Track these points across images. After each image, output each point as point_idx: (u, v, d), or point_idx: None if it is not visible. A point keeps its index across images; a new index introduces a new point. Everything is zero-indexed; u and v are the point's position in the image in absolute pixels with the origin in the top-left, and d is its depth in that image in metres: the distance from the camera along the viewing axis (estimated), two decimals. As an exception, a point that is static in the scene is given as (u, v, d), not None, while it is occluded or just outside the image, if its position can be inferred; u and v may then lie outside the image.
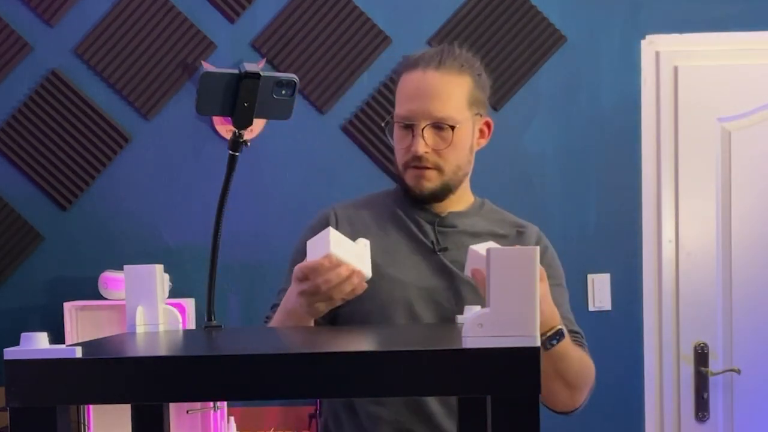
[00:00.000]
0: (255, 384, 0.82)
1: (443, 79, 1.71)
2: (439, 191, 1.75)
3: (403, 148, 1.74)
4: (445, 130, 1.70)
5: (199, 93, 1.37)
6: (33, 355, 0.82)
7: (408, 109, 1.71)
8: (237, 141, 1.40)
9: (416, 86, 1.72)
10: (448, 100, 1.70)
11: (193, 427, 3.00)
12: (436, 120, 1.70)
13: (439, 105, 1.69)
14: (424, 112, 1.69)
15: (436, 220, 1.77)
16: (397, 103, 1.75)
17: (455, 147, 1.72)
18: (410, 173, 1.74)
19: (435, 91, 1.70)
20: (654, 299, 3.18)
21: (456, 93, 1.71)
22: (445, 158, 1.72)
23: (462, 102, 1.72)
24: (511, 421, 0.81)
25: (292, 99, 1.42)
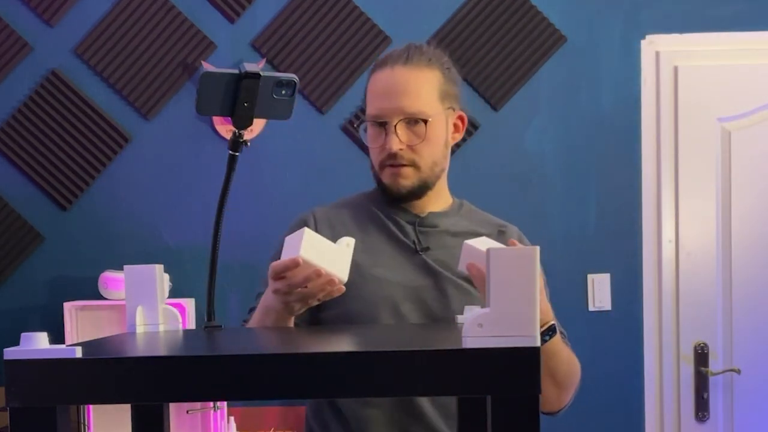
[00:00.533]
0: (255, 384, 0.82)
1: (412, 74, 1.70)
2: (416, 188, 1.73)
3: (377, 147, 1.73)
4: (417, 124, 1.69)
5: (199, 93, 1.37)
6: (33, 355, 0.82)
7: (379, 107, 1.70)
8: (237, 141, 1.40)
9: (385, 83, 1.71)
10: (419, 95, 1.69)
11: (193, 427, 3.00)
12: (408, 115, 1.68)
13: (410, 100, 1.68)
14: (396, 108, 1.68)
15: (416, 221, 1.76)
16: (368, 103, 1.74)
17: (429, 142, 1.70)
18: (386, 172, 1.73)
19: (404, 87, 1.69)
20: (654, 299, 3.18)
21: (426, 87, 1.70)
22: (420, 154, 1.71)
23: (433, 96, 1.71)
24: (511, 421, 0.81)
25: (292, 99, 1.42)
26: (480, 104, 3.15)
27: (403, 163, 1.71)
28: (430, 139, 1.70)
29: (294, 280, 1.43)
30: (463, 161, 3.14)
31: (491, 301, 0.84)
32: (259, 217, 3.14)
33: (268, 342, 1.10)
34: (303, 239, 1.40)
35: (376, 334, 1.22)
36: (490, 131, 3.16)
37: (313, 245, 1.42)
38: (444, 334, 1.05)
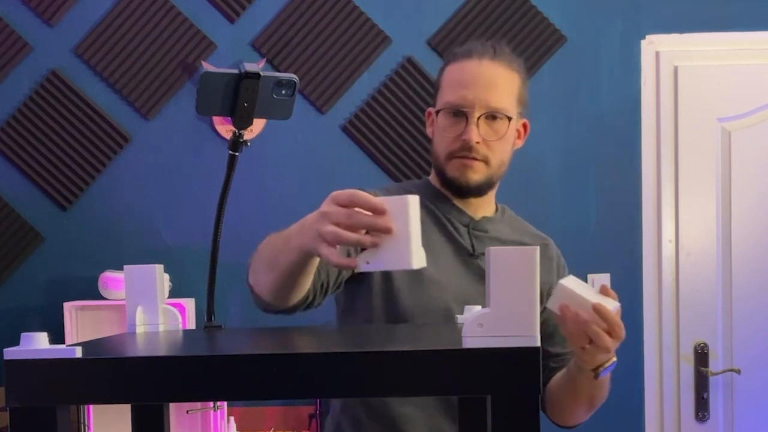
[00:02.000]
0: (255, 384, 0.82)
1: (498, 70, 1.67)
2: (483, 185, 1.69)
3: (450, 137, 1.67)
4: (498, 121, 1.66)
5: (199, 93, 1.37)
6: (33, 355, 0.82)
7: (462, 97, 1.65)
8: (237, 141, 1.40)
9: (472, 74, 1.66)
10: (504, 92, 1.66)
11: (193, 427, 3.00)
12: (492, 109, 1.65)
13: (497, 95, 1.65)
14: (481, 100, 1.64)
15: (470, 224, 1.72)
16: (446, 90, 1.69)
17: (505, 141, 1.68)
18: (455, 163, 1.68)
19: (493, 80, 1.66)
20: (654, 299, 3.18)
21: (509, 87, 1.68)
22: (494, 151, 1.67)
23: (513, 97, 1.69)
24: (511, 421, 0.81)
25: (292, 99, 1.42)
26: (480, 104, 3.15)
27: (476, 157, 1.66)
28: (506, 138, 1.67)
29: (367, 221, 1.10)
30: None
31: (491, 301, 0.84)
32: (259, 217, 3.14)
33: (268, 342, 1.10)
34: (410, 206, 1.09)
35: (376, 335, 1.22)
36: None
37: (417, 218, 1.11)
38: (444, 334, 1.05)
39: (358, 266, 1.12)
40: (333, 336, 1.18)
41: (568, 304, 1.44)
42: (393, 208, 1.09)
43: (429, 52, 3.16)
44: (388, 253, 1.09)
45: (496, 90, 1.65)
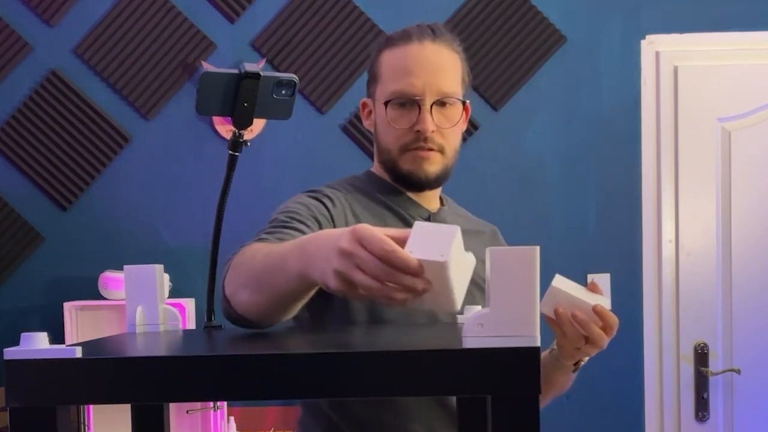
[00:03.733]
0: (255, 384, 0.82)
1: (443, 52, 1.55)
2: (440, 175, 1.59)
3: (401, 129, 1.55)
4: (449, 107, 1.55)
5: (199, 93, 1.37)
6: (33, 355, 0.82)
7: (411, 84, 1.53)
8: (237, 141, 1.40)
9: (417, 58, 1.54)
10: (452, 74, 1.55)
11: (193, 427, 3.00)
12: (445, 95, 1.54)
13: (447, 79, 1.54)
14: (431, 86, 1.52)
15: (430, 217, 1.63)
16: (388, 80, 1.56)
17: (457, 127, 1.57)
18: (409, 156, 1.57)
19: (440, 64, 1.54)
20: (654, 299, 3.18)
21: (455, 68, 1.57)
22: (447, 139, 1.56)
23: (459, 79, 1.58)
24: (511, 421, 0.81)
25: (292, 99, 1.42)
26: (480, 104, 3.15)
27: (432, 147, 1.55)
28: (458, 123, 1.56)
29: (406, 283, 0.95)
30: (463, 161, 3.14)
31: (491, 301, 0.84)
32: (259, 217, 3.13)
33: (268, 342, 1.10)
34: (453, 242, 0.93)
35: (376, 335, 1.22)
36: (490, 131, 3.16)
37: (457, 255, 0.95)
38: (444, 334, 1.05)
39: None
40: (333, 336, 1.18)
41: (562, 305, 1.41)
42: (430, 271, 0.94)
43: (429, 52, 3.16)
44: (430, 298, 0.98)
45: (444, 73, 1.54)
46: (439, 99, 1.54)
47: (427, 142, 1.55)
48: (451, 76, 1.55)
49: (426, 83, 1.53)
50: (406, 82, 1.53)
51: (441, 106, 1.54)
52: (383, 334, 1.20)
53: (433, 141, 1.55)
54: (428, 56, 1.54)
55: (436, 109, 1.54)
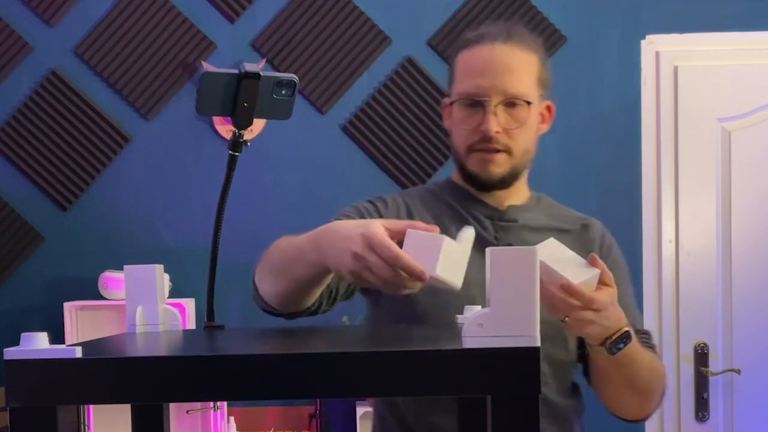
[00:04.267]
0: (255, 384, 0.82)
1: (514, 53, 1.56)
2: (507, 177, 1.60)
3: (467, 129, 1.57)
4: (518, 107, 1.56)
5: (199, 93, 1.37)
6: (33, 355, 0.82)
7: (477, 85, 1.55)
8: (237, 141, 1.40)
9: (486, 60, 1.56)
10: (522, 76, 1.56)
11: (193, 427, 3.00)
12: (511, 96, 1.55)
13: (514, 80, 1.55)
14: (497, 86, 1.54)
15: (495, 215, 1.64)
16: (458, 80, 1.59)
17: (526, 128, 1.57)
18: (475, 157, 1.59)
19: (508, 65, 1.55)
20: (654, 299, 3.18)
21: (527, 70, 1.57)
22: (516, 140, 1.57)
23: (533, 80, 1.58)
24: (511, 421, 0.81)
25: (292, 99, 1.42)
26: (480, 104, 3.15)
27: (497, 148, 1.57)
28: (528, 124, 1.57)
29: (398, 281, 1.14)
30: (463, 161, 3.14)
31: (491, 301, 0.84)
32: (259, 217, 3.14)
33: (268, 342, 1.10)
34: (441, 252, 1.12)
35: (377, 335, 1.22)
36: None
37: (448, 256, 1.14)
38: (444, 334, 1.05)
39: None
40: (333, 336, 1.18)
41: (543, 277, 1.36)
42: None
43: (429, 52, 3.17)
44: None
45: (512, 74, 1.55)
46: (505, 100, 1.55)
47: (491, 142, 1.56)
48: (520, 77, 1.56)
49: (492, 84, 1.54)
50: (473, 83, 1.56)
51: (509, 106, 1.56)
52: (384, 334, 1.20)
53: (498, 142, 1.56)
54: (497, 57, 1.56)
55: (503, 110, 1.55)
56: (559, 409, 1.63)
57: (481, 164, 1.59)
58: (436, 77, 3.15)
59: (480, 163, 1.59)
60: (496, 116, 1.54)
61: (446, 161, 3.16)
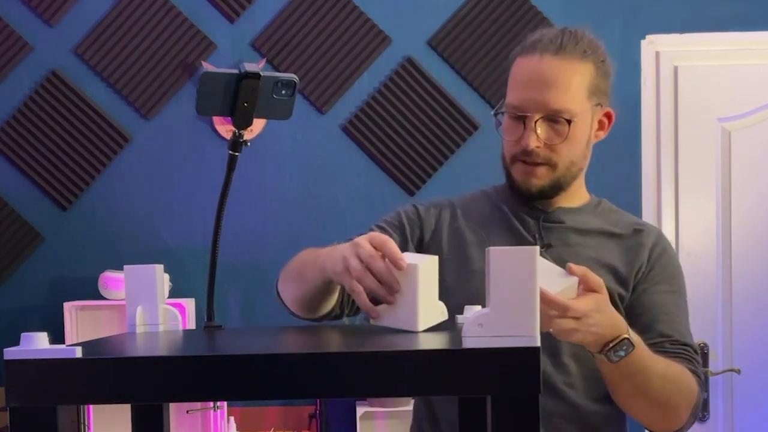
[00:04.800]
0: (255, 384, 0.82)
1: (562, 66, 1.53)
2: (548, 189, 1.59)
3: (512, 141, 1.58)
4: (560, 123, 1.54)
5: (199, 93, 1.37)
6: (33, 355, 0.82)
7: (520, 98, 1.55)
8: (237, 141, 1.40)
9: (531, 72, 1.55)
10: (566, 90, 1.53)
11: (193, 427, 3.00)
12: (552, 112, 1.53)
13: (556, 95, 1.52)
14: (539, 102, 1.53)
15: (541, 216, 1.63)
16: (509, 89, 1.59)
17: (570, 142, 1.55)
18: (518, 168, 1.59)
19: (552, 80, 1.53)
20: (654, 299, 3.17)
21: (575, 82, 1.54)
22: (559, 153, 1.56)
23: (581, 92, 1.55)
24: (511, 421, 0.81)
25: (292, 99, 1.42)
26: (480, 104, 3.15)
27: (537, 162, 1.56)
28: (571, 139, 1.55)
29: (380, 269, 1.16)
30: (463, 161, 3.14)
31: (491, 301, 0.84)
32: (259, 217, 3.14)
33: (268, 342, 1.10)
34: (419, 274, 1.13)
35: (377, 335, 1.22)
36: (491, 131, 3.15)
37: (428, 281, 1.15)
38: (444, 334, 1.05)
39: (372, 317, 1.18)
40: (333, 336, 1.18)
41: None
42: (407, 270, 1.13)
43: (429, 52, 3.17)
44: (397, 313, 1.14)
45: (557, 89, 1.53)
46: (546, 115, 1.53)
47: (531, 156, 1.56)
48: (566, 92, 1.53)
49: (532, 99, 1.53)
50: (517, 96, 1.56)
51: (551, 121, 1.54)
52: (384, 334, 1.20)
53: (538, 156, 1.56)
54: (543, 71, 1.54)
55: (545, 124, 1.54)
56: (587, 415, 1.57)
57: (523, 176, 1.59)
58: (436, 77, 3.15)
59: (521, 174, 1.59)
60: (537, 131, 1.54)
61: (446, 161, 3.16)
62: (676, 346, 1.54)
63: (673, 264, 1.64)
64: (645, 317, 1.56)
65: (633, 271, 1.58)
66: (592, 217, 1.67)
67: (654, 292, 1.58)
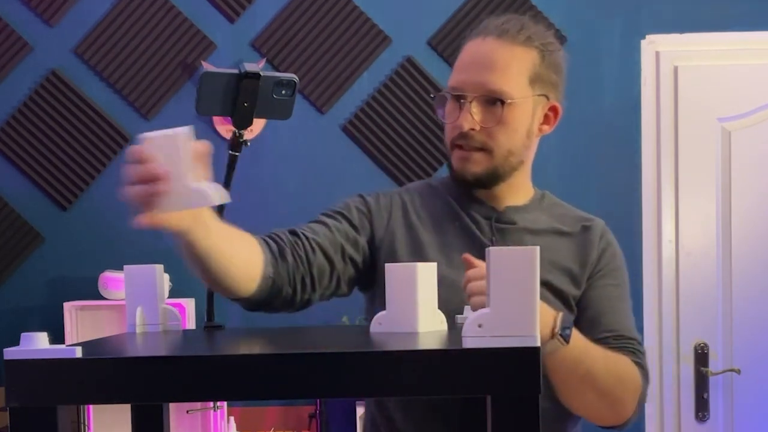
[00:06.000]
0: (255, 384, 0.82)
1: (503, 49, 1.51)
2: (485, 177, 1.54)
3: (450, 124, 1.54)
4: (496, 105, 1.50)
5: (199, 93, 1.37)
6: (33, 355, 0.82)
7: (458, 79, 1.53)
8: (237, 141, 1.40)
9: (472, 55, 1.53)
10: (504, 73, 1.50)
11: (193, 427, 3.00)
12: (488, 92, 1.49)
13: (493, 76, 1.49)
14: (476, 83, 1.50)
15: (493, 216, 1.58)
16: (452, 74, 1.57)
17: (507, 126, 1.51)
18: (456, 154, 1.54)
19: (490, 61, 1.50)
20: (654, 299, 3.17)
21: (514, 65, 1.51)
22: (495, 139, 1.51)
23: (521, 77, 1.52)
24: (511, 421, 0.81)
25: (292, 99, 1.42)
26: (480, 104, 3.15)
27: (474, 146, 1.52)
28: (508, 123, 1.51)
29: (139, 172, 1.18)
30: (463, 161, 3.14)
31: (491, 301, 0.84)
32: (259, 218, 3.13)
33: (268, 342, 1.10)
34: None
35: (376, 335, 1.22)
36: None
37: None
38: (444, 334, 1.05)
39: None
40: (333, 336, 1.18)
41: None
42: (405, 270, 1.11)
43: (429, 52, 3.17)
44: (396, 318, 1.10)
45: (493, 70, 1.49)
46: (483, 96, 1.50)
47: (467, 139, 1.52)
48: (505, 74, 1.50)
49: (470, 80, 1.51)
50: (456, 78, 1.54)
51: (490, 103, 1.50)
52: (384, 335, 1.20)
53: (474, 140, 1.51)
54: (483, 53, 1.52)
55: (483, 107, 1.50)
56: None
57: (460, 161, 1.54)
58: (436, 77, 3.14)
59: (459, 160, 1.55)
60: (471, 113, 1.50)
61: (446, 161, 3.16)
62: (620, 341, 1.55)
63: (617, 257, 1.64)
64: (590, 312, 1.56)
65: (585, 270, 1.58)
66: (540, 213, 1.64)
67: (599, 287, 1.58)
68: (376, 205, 1.59)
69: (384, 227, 1.57)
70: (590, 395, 1.49)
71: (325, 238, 1.49)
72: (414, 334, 1.05)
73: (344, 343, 1.07)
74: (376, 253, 1.56)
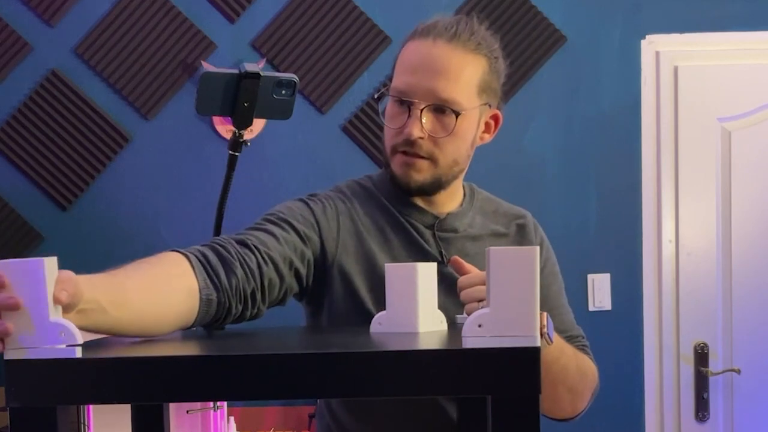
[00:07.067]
0: (255, 384, 0.82)
1: (455, 55, 1.45)
2: (428, 185, 1.50)
3: (394, 129, 1.48)
4: (447, 115, 1.45)
5: (199, 93, 1.37)
6: (33, 355, 0.82)
7: (407, 83, 1.46)
8: (237, 141, 1.40)
9: (422, 57, 1.46)
10: (456, 81, 1.44)
11: (193, 427, 3.00)
12: (440, 101, 1.44)
13: (446, 84, 1.43)
14: (427, 89, 1.44)
15: (435, 224, 1.54)
16: (396, 73, 1.50)
17: (456, 137, 1.46)
18: (398, 159, 1.49)
19: (443, 67, 1.44)
20: (654, 299, 3.17)
21: (466, 74, 1.45)
22: (442, 148, 1.46)
23: (471, 86, 1.46)
24: (511, 421, 0.81)
25: (292, 99, 1.42)
26: (480, 104, 3.15)
27: (419, 154, 1.47)
28: (457, 134, 1.46)
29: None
30: (463, 161, 3.14)
31: (491, 301, 0.84)
32: (258, 217, 3.13)
33: (268, 342, 1.10)
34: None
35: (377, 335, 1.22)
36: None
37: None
38: (443, 334, 1.05)
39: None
40: (333, 336, 1.18)
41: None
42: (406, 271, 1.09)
43: (429, 52, 3.16)
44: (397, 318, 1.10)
45: (447, 78, 1.43)
46: (433, 104, 1.45)
47: (414, 147, 1.46)
48: (456, 82, 1.44)
49: (420, 85, 1.44)
50: (404, 80, 1.47)
51: (438, 112, 1.46)
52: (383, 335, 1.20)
53: (421, 147, 1.46)
54: (435, 57, 1.45)
55: (431, 115, 1.45)
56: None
57: (403, 167, 1.49)
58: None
59: (401, 166, 1.49)
60: (422, 120, 1.44)
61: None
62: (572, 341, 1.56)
63: (550, 250, 1.64)
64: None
65: None
66: (475, 215, 1.60)
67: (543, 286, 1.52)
68: (323, 215, 1.53)
69: (334, 238, 1.51)
70: (561, 390, 1.49)
71: (276, 251, 1.40)
72: (414, 334, 1.05)
73: (344, 343, 1.07)
74: (326, 265, 1.50)
